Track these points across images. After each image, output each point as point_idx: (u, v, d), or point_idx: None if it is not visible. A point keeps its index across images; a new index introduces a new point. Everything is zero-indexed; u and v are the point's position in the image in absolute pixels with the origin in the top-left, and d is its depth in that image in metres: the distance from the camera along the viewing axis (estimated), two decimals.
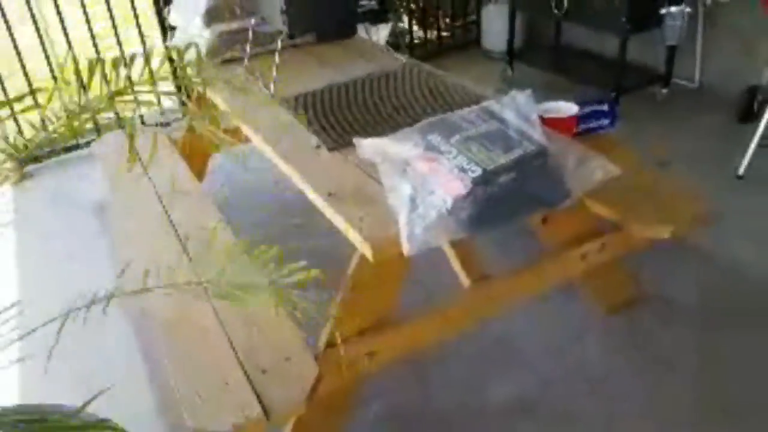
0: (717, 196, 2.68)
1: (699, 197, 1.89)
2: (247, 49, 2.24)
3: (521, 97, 1.35)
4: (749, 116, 3.12)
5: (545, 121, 1.34)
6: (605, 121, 1.58)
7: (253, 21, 2.21)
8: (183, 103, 3.81)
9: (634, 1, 3.18)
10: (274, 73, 2.03)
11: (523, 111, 1.32)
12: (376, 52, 2.32)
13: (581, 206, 1.64)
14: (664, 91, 3.64)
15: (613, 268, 1.88)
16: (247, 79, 2.16)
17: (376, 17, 2.01)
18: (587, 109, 1.55)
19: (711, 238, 2.38)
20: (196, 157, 2.72)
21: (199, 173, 2.76)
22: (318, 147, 1.66)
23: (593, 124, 1.57)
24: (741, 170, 2.78)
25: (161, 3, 3.43)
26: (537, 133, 1.26)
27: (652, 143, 3.22)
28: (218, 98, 2.14)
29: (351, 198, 1.40)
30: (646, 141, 3.24)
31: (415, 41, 4.77)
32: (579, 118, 1.52)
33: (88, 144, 2.92)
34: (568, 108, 1.46)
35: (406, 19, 4.66)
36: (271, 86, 2.02)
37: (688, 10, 3.17)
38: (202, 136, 2.77)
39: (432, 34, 4.78)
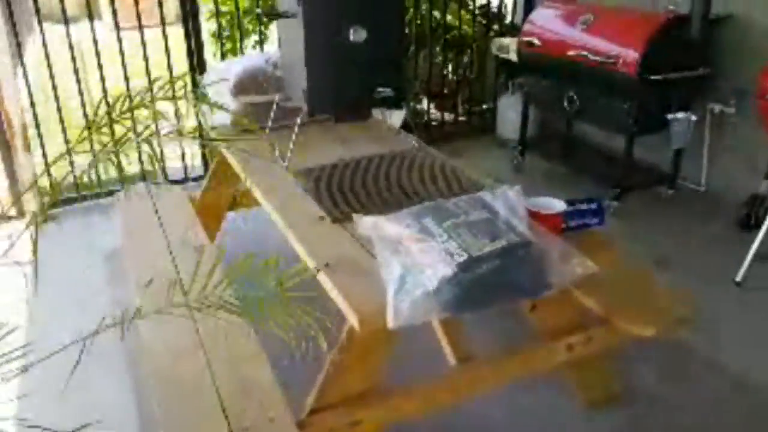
0: (714, 300, 2.74)
1: (687, 299, 1.96)
2: (269, 121, 2.40)
3: (512, 192, 1.45)
4: (748, 224, 3.20)
5: (534, 216, 1.44)
6: (594, 220, 1.68)
7: (277, 96, 2.38)
8: (205, 163, 4.00)
9: (642, 105, 3.34)
10: (291, 146, 2.17)
11: (512, 204, 1.42)
12: (389, 134, 2.47)
13: (570, 298, 1.72)
14: (670, 191, 3.74)
15: (599, 362, 1.93)
16: (265, 149, 2.30)
17: (391, 103, 2.15)
18: (576, 208, 1.65)
19: (705, 341, 2.41)
20: (210, 215, 2.85)
21: (213, 231, 2.88)
22: (322, 218, 1.76)
23: (582, 222, 1.67)
24: (739, 277, 2.84)
25: (196, 69, 3.67)
26: (523, 226, 1.35)
27: (652, 241, 3.30)
28: (237, 163, 2.28)
29: (346, 269, 1.49)
30: (647, 239, 3.32)
31: (433, 123, 4.99)
32: (567, 216, 1.61)
33: (111, 193, 3.07)
34: (556, 205, 1.56)
35: (425, 101, 4.89)
36: (287, 158, 2.16)
37: (694, 117, 3.32)
38: (218, 196, 2.91)
39: (449, 118, 4.99)
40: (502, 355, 1.76)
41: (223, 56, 4.15)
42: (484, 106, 5.09)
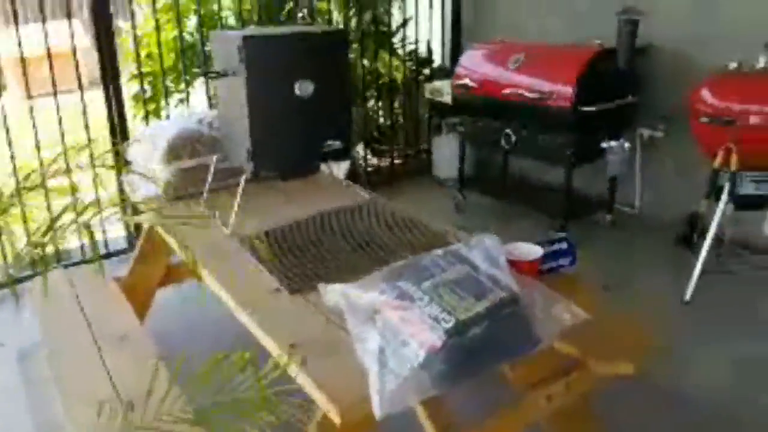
0: (666, 322, 2.74)
1: (649, 329, 1.92)
2: (207, 185, 2.24)
3: (489, 241, 1.36)
4: (689, 242, 3.26)
5: (511, 265, 1.35)
6: (566, 261, 1.61)
7: (214, 158, 2.22)
8: (129, 235, 3.73)
9: (578, 137, 3.39)
10: (234, 209, 2.02)
11: (491, 255, 1.33)
12: (338, 188, 2.35)
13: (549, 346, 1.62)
14: (609, 217, 3.80)
15: (578, 407, 1.84)
16: (204, 216, 2.13)
17: (339, 155, 2.05)
18: (548, 249, 1.58)
19: (664, 368, 2.38)
20: (140, 295, 2.60)
21: (142, 312, 2.63)
22: (278, 290, 1.61)
23: (555, 264, 1.60)
24: (687, 296, 2.86)
25: (119, 137, 3.46)
26: (507, 279, 1.26)
27: (599, 268, 3.30)
28: (170, 235, 2.09)
29: (315, 350, 1.34)
30: (594, 266, 3.32)
31: (369, 169, 4.92)
32: (542, 259, 1.54)
33: (20, 280, 2.51)
34: (531, 250, 1.48)
35: (361, 147, 4.83)
36: (230, 223, 2.00)
37: (627, 144, 3.39)
38: (148, 272, 2.69)
39: (386, 162, 4.95)
40: (483, 421, 1.63)
41: (147, 118, 3.95)
42: (420, 147, 5.08)
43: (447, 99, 4.16)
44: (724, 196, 2.73)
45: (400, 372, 1.13)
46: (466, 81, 3.84)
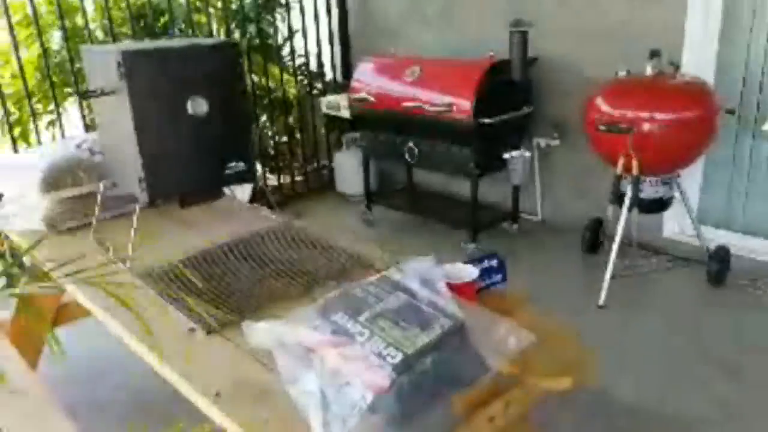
0: (584, 328, 2.78)
1: (577, 339, 1.90)
2: (95, 215, 1.99)
3: (424, 264, 1.27)
4: (595, 247, 3.38)
5: (449, 288, 1.27)
6: (497, 277, 1.55)
7: (101, 185, 1.99)
8: (9, 281, 3.30)
9: (480, 149, 3.41)
10: (131, 242, 1.80)
11: (428, 278, 1.24)
12: (244, 212, 2.19)
13: None
14: (515, 226, 3.86)
15: (520, 425, 1.79)
16: (96, 250, 1.89)
17: (243, 177, 1.88)
18: (480, 266, 1.51)
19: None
20: (28, 340, 2.29)
21: (34, 358, 2.32)
22: (192, 330, 1.43)
23: (487, 281, 1.53)
24: (601, 300, 2.94)
25: None
26: (449, 305, 1.17)
27: (512, 278, 3.33)
28: (58, 274, 1.83)
29: (244, 396, 1.18)
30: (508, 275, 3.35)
31: (269, 187, 4.73)
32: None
33: None
34: (466, 271, 1.40)
35: (258, 166, 4.63)
36: (127, 257, 1.78)
37: (527, 153, 3.46)
38: (36, 315, 2.37)
39: (286, 180, 4.78)
40: None
41: (14, 144, 3.54)
42: (321, 163, 4.96)
43: (345, 113, 4.08)
44: (627, 201, 2.83)
45: (347, 417, 1.00)
46: (363, 95, 3.77)
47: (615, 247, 2.94)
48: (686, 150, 2.78)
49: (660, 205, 2.93)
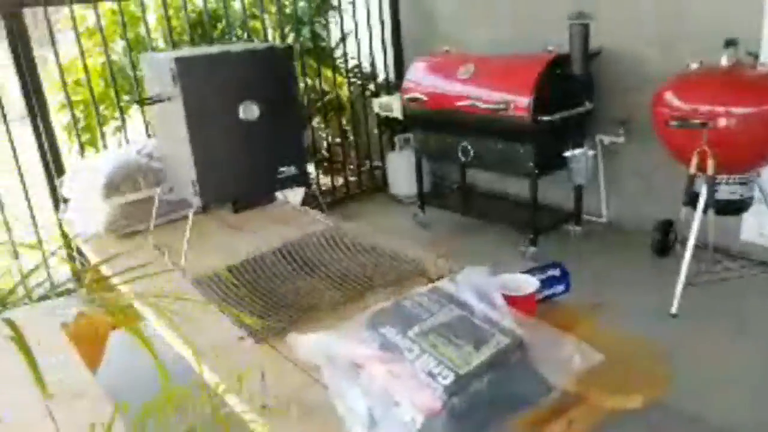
0: (657, 339, 2.62)
1: (659, 354, 1.76)
2: (152, 220, 2.01)
3: (478, 274, 1.19)
4: (665, 250, 3.19)
5: (507, 301, 1.19)
6: (560, 288, 1.46)
7: (158, 190, 2.00)
8: (77, 278, 3.42)
9: (539, 147, 3.28)
10: (185, 248, 1.80)
11: (483, 291, 1.16)
12: (296, 216, 2.16)
13: None
14: (578, 228, 3.70)
15: None
16: (152, 254, 1.91)
17: (295, 181, 1.85)
18: (541, 277, 1.42)
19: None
20: (89, 341, 2.34)
21: (94, 361, 2.37)
22: (242, 339, 1.40)
23: (548, 292, 1.44)
24: (674, 309, 2.76)
25: (54, 174, 3.17)
26: (507, 320, 1.09)
27: (577, 284, 3.18)
28: (117, 277, 1.85)
29: (291, 410, 1.14)
30: (573, 282, 3.21)
31: (322, 189, 4.73)
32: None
33: None
34: (525, 282, 1.32)
35: (311, 168, 4.63)
36: (182, 262, 1.78)
37: (591, 152, 3.30)
38: (95, 318, 2.41)
39: (339, 182, 4.77)
40: None
41: (82, 149, 3.65)
42: (373, 164, 4.92)
43: (397, 114, 4.02)
44: (702, 202, 2.65)
45: None
46: (416, 94, 3.70)
47: (689, 251, 2.75)
48: (766, 147, 2.58)
49: (738, 206, 2.74)
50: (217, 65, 1.71)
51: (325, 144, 4.90)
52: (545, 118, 3.17)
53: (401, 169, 4.54)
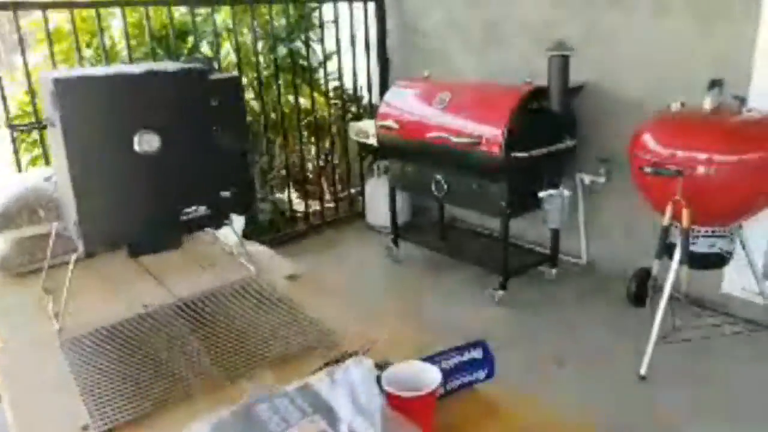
0: (621, 405, 2.39)
1: None
2: (47, 260, 1.78)
3: (359, 372, 0.96)
4: (642, 300, 2.95)
5: (395, 403, 0.96)
6: (481, 373, 1.22)
7: (55, 224, 1.78)
8: None
9: (513, 186, 3.06)
10: (64, 296, 1.57)
11: (362, 393, 0.93)
12: (219, 258, 1.93)
13: None
14: (554, 271, 3.47)
15: None
16: (41, 301, 1.68)
17: (210, 223, 1.63)
18: (457, 361, 1.19)
19: None
20: None
21: None
22: (84, 429, 1.15)
23: (467, 378, 1.21)
24: (643, 369, 2.52)
25: None
26: None
27: (544, 334, 2.95)
28: None
29: None
30: (539, 331, 2.97)
31: (298, 214, 4.52)
32: (448, 374, 1.15)
33: None
34: (426, 372, 1.08)
35: (288, 191, 4.42)
36: (60, 315, 1.55)
37: (567, 193, 3.08)
38: None
39: (316, 207, 4.55)
40: None
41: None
42: (352, 191, 4.70)
43: (373, 141, 3.81)
44: (677, 256, 2.42)
45: None
46: (389, 122, 3.49)
47: (661, 309, 2.51)
48: (750, 198, 2.35)
49: (716, 260, 2.50)
50: (112, 88, 1.49)
51: (310, 166, 4.71)
52: (519, 154, 2.95)
53: (379, 198, 4.32)
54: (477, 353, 1.23)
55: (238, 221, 2.12)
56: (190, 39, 3.90)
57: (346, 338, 1.40)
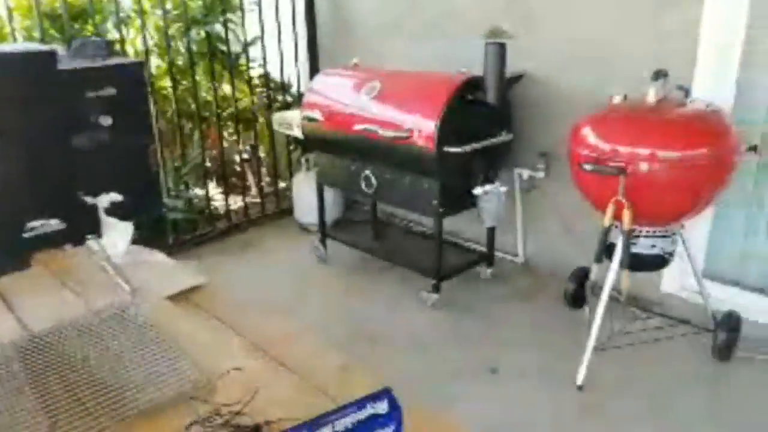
0: (557, 418, 2.22)
1: None
2: None
3: None
4: (580, 302, 2.78)
5: None
6: (386, 430, 0.97)
7: None
8: None
9: (446, 183, 2.84)
10: None
11: None
12: (88, 278, 1.61)
13: None
14: (489, 270, 3.28)
15: None
16: None
17: (65, 238, 1.32)
18: (352, 420, 0.94)
19: None
20: None
21: None
22: None
23: None
24: (580, 379, 2.35)
25: None
26: None
27: (480, 340, 2.75)
28: None
29: None
30: (474, 337, 2.77)
31: (219, 210, 4.18)
32: None
33: None
34: None
35: (211, 185, 4.08)
36: None
37: (503, 188, 2.87)
38: None
39: (240, 203, 4.22)
40: None
41: None
42: (279, 187, 4.39)
43: (298, 132, 3.51)
44: (617, 259, 2.25)
45: None
46: (313, 112, 3.21)
47: (598, 317, 2.34)
48: (694, 197, 2.19)
49: (658, 262, 2.35)
50: None
51: (239, 160, 4.37)
52: (453, 149, 2.72)
53: (307, 194, 4.03)
54: (381, 406, 0.99)
55: (124, 230, 1.81)
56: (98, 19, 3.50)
57: (225, 384, 1.13)
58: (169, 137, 4.03)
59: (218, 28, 4.00)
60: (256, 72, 4.26)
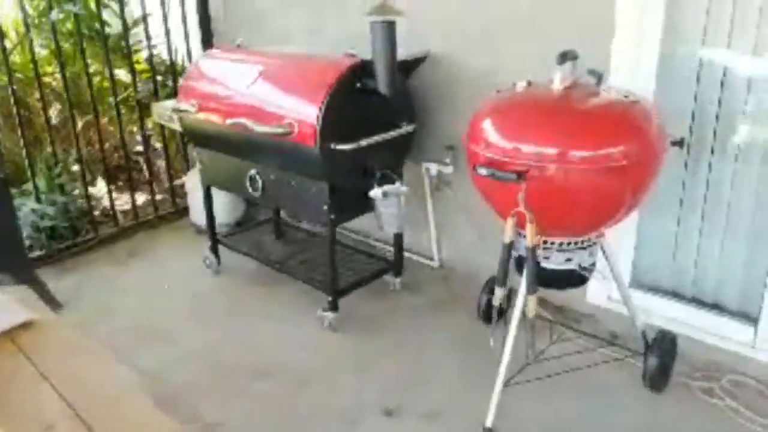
0: None
1: None
2: None
3: None
4: (491, 317, 2.41)
5: None
6: None
7: None
8: None
9: (336, 185, 2.42)
10: None
11: None
12: None
13: None
14: (398, 281, 2.89)
15: None
16: None
17: None
18: None
19: None
20: None
21: None
22: None
23: None
24: (489, 421, 1.99)
25: None
26: None
27: (381, 371, 2.36)
28: None
29: None
30: (374, 367, 2.38)
31: (105, 214, 3.67)
32: None
33: None
34: None
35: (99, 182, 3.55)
36: None
37: (404, 189, 2.47)
38: None
39: (127, 203, 3.72)
40: None
41: None
42: (174, 185, 3.89)
43: (177, 125, 3.03)
44: (523, 284, 1.88)
45: None
46: (189, 103, 2.73)
47: (507, 352, 1.98)
48: (612, 202, 1.84)
49: (575, 279, 1.99)
50: None
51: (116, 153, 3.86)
52: (341, 146, 2.31)
53: (201, 194, 3.55)
54: None
55: None
56: None
57: None
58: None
59: (92, 6, 3.47)
60: (144, 55, 3.73)
